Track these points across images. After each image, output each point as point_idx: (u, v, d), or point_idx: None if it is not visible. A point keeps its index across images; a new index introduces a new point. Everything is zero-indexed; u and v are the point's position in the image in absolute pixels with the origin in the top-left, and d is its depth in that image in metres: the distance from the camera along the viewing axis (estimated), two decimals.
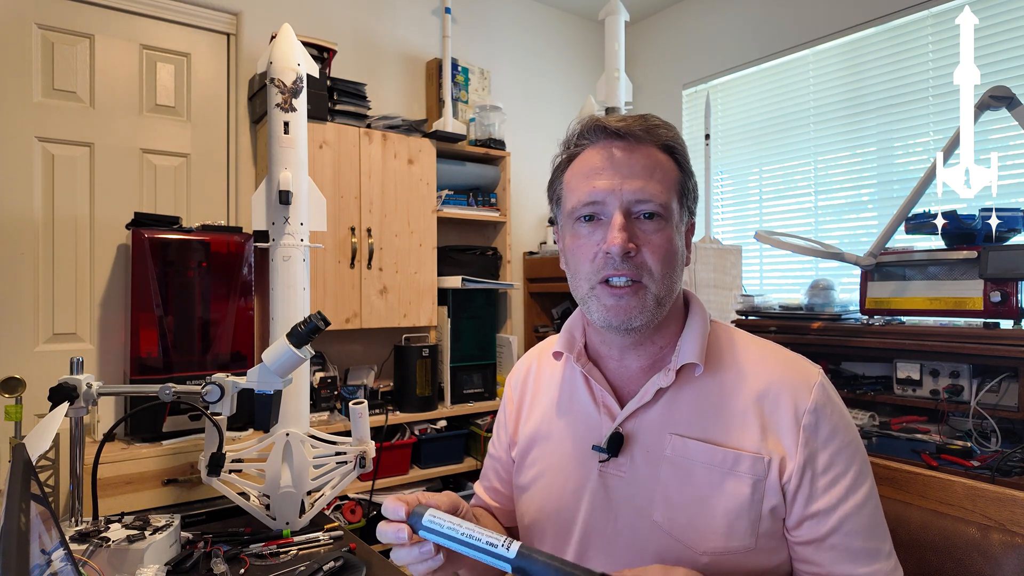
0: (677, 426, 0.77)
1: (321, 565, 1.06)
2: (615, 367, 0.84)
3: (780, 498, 0.73)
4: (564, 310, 3.07)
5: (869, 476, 0.75)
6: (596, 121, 0.79)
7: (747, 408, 0.76)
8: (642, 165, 0.75)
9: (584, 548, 0.79)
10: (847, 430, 0.75)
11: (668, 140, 0.78)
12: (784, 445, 0.73)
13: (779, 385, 0.76)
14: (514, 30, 3.19)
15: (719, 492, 0.73)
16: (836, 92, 2.61)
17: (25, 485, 0.60)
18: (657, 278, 0.75)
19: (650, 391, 0.78)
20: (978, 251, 1.46)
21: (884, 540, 0.74)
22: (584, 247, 0.77)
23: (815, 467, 0.72)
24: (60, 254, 2.10)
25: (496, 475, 0.98)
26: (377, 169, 2.44)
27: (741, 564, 0.72)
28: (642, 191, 0.74)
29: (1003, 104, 1.45)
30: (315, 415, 2.21)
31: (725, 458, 0.74)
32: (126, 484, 1.67)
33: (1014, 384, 1.38)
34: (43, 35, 2.09)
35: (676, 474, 0.75)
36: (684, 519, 0.73)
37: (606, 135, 0.78)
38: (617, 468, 0.78)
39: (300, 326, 1.12)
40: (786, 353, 0.82)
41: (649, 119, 0.79)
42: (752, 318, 1.96)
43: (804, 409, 0.74)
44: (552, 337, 0.97)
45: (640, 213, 0.75)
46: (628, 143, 0.77)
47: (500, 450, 0.98)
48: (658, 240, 0.75)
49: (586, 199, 0.76)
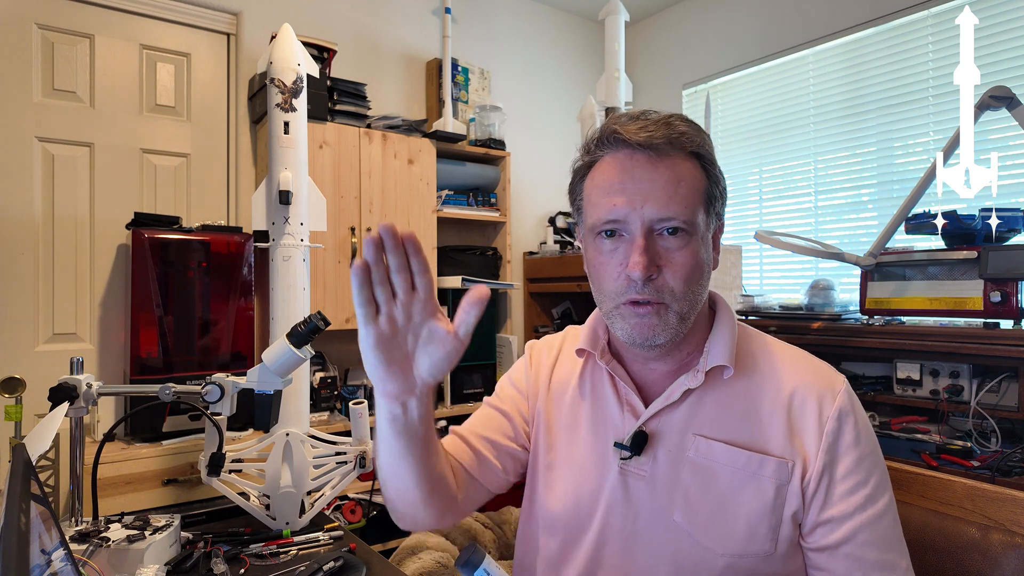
0: (702, 427, 0.76)
1: (321, 565, 1.06)
2: (640, 368, 0.83)
3: (800, 503, 0.72)
4: (564, 310, 3.07)
5: (888, 488, 0.74)
6: (615, 131, 0.75)
7: (774, 412, 0.75)
8: (665, 180, 0.72)
9: (600, 545, 0.79)
10: (869, 440, 0.75)
11: (694, 147, 0.75)
12: (807, 449, 0.73)
13: (805, 390, 0.76)
14: (514, 30, 3.19)
15: (741, 495, 0.73)
16: (836, 92, 2.61)
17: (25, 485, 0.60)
18: (679, 297, 0.73)
19: (677, 391, 0.77)
20: (978, 251, 1.45)
21: (901, 556, 0.72)
22: (606, 265, 0.75)
23: (833, 473, 0.72)
24: (60, 254, 2.10)
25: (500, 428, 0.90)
26: (377, 169, 2.44)
27: (758, 568, 0.72)
28: (665, 209, 0.71)
29: (1003, 104, 1.45)
30: (315, 415, 2.21)
31: (750, 461, 0.73)
32: (126, 484, 1.67)
33: (1014, 384, 1.38)
34: (43, 35, 2.09)
35: (698, 475, 0.75)
36: (704, 520, 0.73)
37: (626, 146, 0.74)
38: (638, 467, 0.78)
39: (300, 326, 1.12)
40: (813, 359, 0.81)
41: (673, 125, 0.74)
42: (752, 318, 1.96)
43: (828, 415, 0.74)
44: (572, 328, 0.95)
45: (663, 229, 0.73)
46: (649, 156, 0.73)
47: (510, 408, 0.92)
48: (681, 258, 0.72)
49: (606, 216, 0.74)
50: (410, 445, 0.71)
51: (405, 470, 0.73)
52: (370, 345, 0.63)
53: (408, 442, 0.71)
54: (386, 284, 0.63)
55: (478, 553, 0.60)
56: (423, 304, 0.64)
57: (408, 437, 0.70)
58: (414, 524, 0.81)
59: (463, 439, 0.88)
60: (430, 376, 0.66)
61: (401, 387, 0.66)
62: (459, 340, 0.64)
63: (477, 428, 0.90)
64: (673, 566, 0.74)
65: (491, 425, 0.91)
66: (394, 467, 0.74)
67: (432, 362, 0.65)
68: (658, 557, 0.74)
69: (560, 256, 2.88)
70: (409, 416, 0.68)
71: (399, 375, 0.66)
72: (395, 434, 0.70)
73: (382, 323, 0.63)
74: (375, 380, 0.66)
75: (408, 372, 0.66)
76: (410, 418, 0.69)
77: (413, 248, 0.61)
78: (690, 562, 0.73)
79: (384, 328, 0.63)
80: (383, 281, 0.62)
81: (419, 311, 0.64)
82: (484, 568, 0.59)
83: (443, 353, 0.64)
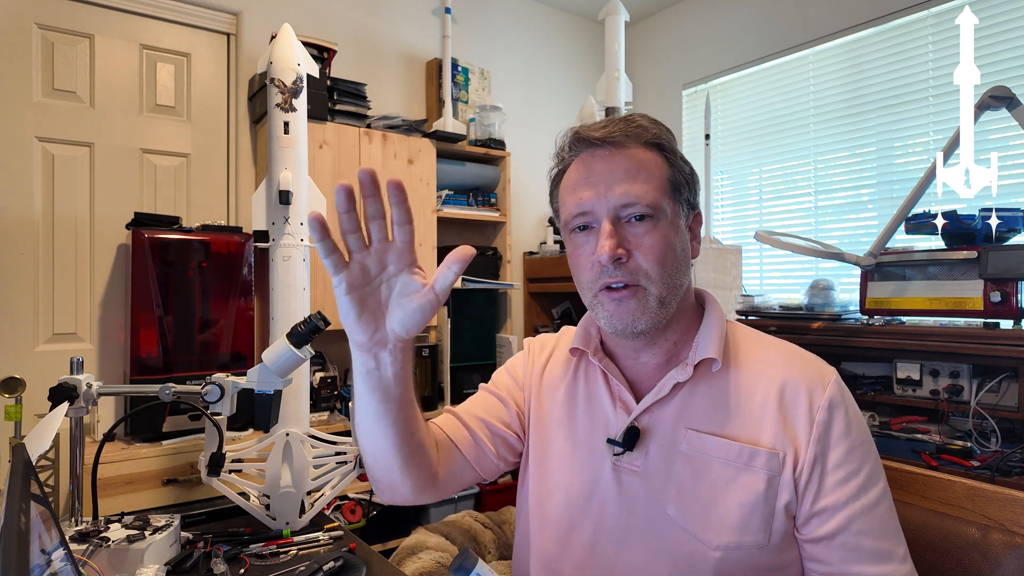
0: (693, 421, 0.77)
1: (321, 565, 1.06)
2: (630, 363, 0.84)
3: (793, 494, 0.73)
4: (564, 310, 3.07)
5: (882, 478, 0.75)
6: (576, 133, 0.80)
7: (764, 403, 0.76)
8: (624, 169, 0.76)
9: (595, 541, 0.79)
10: (860, 430, 0.75)
11: (651, 138, 0.78)
12: (798, 440, 0.73)
13: (795, 381, 0.76)
14: (514, 30, 3.19)
15: (733, 487, 0.73)
16: (836, 92, 2.61)
17: (25, 485, 0.60)
18: (655, 279, 0.74)
19: (667, 386, 0.78)
20: (978, 251, 1.45)
21: (898, 543, 0.73)
22: (581, 257, 0.78)
23: (825, 464, 0.73)
24: (60, 254, 2.10)
25: (495, 413, 0.90)
26: (377, 169, 2.42)
27: (753, 559, 0.72)
28: (626, 195, 0.74)
29: (1003, 104, 1.45)
30: (315, 415, 2.21)
31: (741, 453, 0.74)
32: (126, 484, 1.67)
33: (1014, 384, 1.38)
34: (43, 35, 2.09)
35: (691, 468, 0.75)
36: (698, 513, 0.74)
37: (588, 145, 0.79)
38: (631, 462, 0.79)
39: (300, 326, 1.12)
40: (803, 352, 0.82)
41: (632, 120, 0.79)
42: (752, 318, 1.96)
43: (818, 405, 0.74)
44: (567, 328, 0.97)
45: (630, 216, 0.75)
46: (608, 149, 0.77)
47: (507, 394, 0.92)
48: (650, 241, 0.74)
49: (575, 211, 0.77)
50: (386, 405, 0.70)
51: (381, 431, 0.72)
52: (342, 291, 0.63)
53: (383, 401, 0.70)
54: (358, 232, 0.62)
55: (471, 559, 0.59)
56: (399, 254, 0.63)
57: (383, 395, 0.69)
58: (392, 493, 0.80)
59: (458, 418, 0.88)
60: (403, 329, 0.65)
61: (372, 338, 0.65)
62: (435, 294, 0.63)
63: (473, 409, 0.90)
64: (668, 560, 0.74)
65: (487, 408, 0.91)
66: (370, 427, 0.73)
67: (405, 314, 0.64)
68: (653, 551, 0.75)
69: (560, 256, 2.88)
70: (383, 371, 0.68)
71: (371, 325, 0.65)
72: (370, 390, 0.69)
73: (354, 270, 0.63)
74: (348, 329, 0.65)
75: (381, 322, 0.65)
76: (384, 374, 0.68)
77: (398, 197, 0.61)
78: (685, 555, 0.73)
79: (356, 275, 0.63)
80: (355, 229, 0.62)
81: (395, 260, 0.63)
82: (477, 572, 0.59)
83: (416, 305, 0.63)
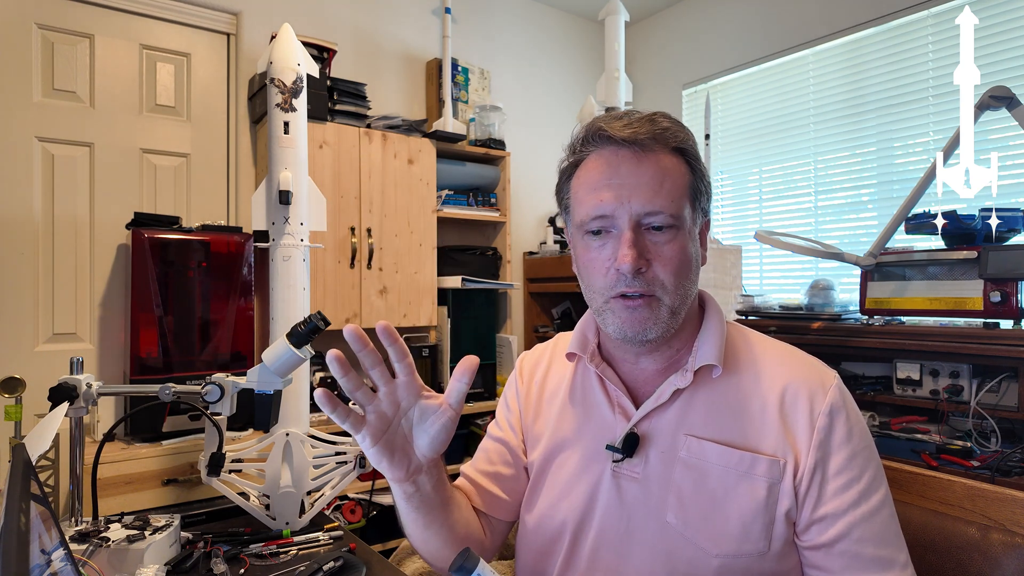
0: (693, 427, 0.76)
1: (321, 565, 1.06)
2: (629, 369, 0.83)
3: (793, 501, 0.72)
4: (564, 310, 3.07)
5: (883, 483, 0.74)
6: (600, 128, 0.76)
7: (764, 409, 0.75)
8: (650, 175, 0.73)
9: (595, 547, 0.79)
10: (862, 436, 0.74)
11: (678, 143, 0.76)
12: (798, 446, 0.72)
13: (796, 386, 0.75)
14: (514, 30, 3.19)
15: (734, 494, 0.72)
16: (836, 92, 2.61)
17: (25, 485, 0.60)
18: (670, 290, 0.73)
19: (667, 392, 0.77)
20: (978, 251, 1.45)
21: (899, 550, 0.72)
22: (595, 261, 0.76)
23: (826, 470, 0.72)
24: (60, 254, 2.10)
25: (500, 458, 0.91)
26: (377, 169, 2.44)
27: (753, 567, 0.72)
28: (651, 203, 0.72)
29: (1003, 104, 1.45)
30: (315, 415, 2.21)
31: (741, 460, 0.73)
32: (126, 484, 1.67)
33: (1014, 384, 1.38)
34: (43, 35, 2.09)
35: (691, 475, 0.74)
36: (698, 520, 0.73)
37: (611, 143, 0.75)
38: (631, 468, 0.78)
39: (300, 326, 1.12)
40: (803, 355, 0.81)
41: (657, 121, 0.75)
42: (752, 318, 1.96)
43: (819, 411, 0.73)
44: (562, 335, 0.96)
45: (650, 225, 0.73)
46: (634, 151, 0.74)
47: (506, 432, 0.93)
48: (669, 252, 0.73)
49: (594, 213, 0.74)
50: (431, 514, 0.75)
51: (432, 536, 0.78)
52: (368, 444, 0.66)
53: (428, 512, 0.75)
54: (362, 388, 0.65)
55: (471, 559, 0.59)
56: (406, 387, 0.67)
57: (427, 508, 0.74)
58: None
59: (470, 480, 0.91)
60: (432, 451, 0.69)
61: (408, 470, 0.69)
62: (452, 409, 0.67)
63: (481, 465, 0.92)
64: (668, 567, 0.73)
65: (493, 458, 0.92)
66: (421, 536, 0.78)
67: (431, 437, 0.68)
68: (652, 558, 0.74)
69: (560, 256, 2.88)
70: (422, 490, 0.72)
71: (404, 461, 0.69)
72: (414, 509, 0.74)
73: (372, 422, 0.66)
74: (383, 470, 0.69)
75: (412, 454, 0.69)
76: (423, 492, 0.73)
77: (389, 338, 0.65)
78: (684, 563, 0.72)
79: (376, 425, 0.66)
80: (358, 387, 0.65)
81: (405, 395, 0.67)
82: (478, 572, 0.58)
83: (439, 426, 0.68)
